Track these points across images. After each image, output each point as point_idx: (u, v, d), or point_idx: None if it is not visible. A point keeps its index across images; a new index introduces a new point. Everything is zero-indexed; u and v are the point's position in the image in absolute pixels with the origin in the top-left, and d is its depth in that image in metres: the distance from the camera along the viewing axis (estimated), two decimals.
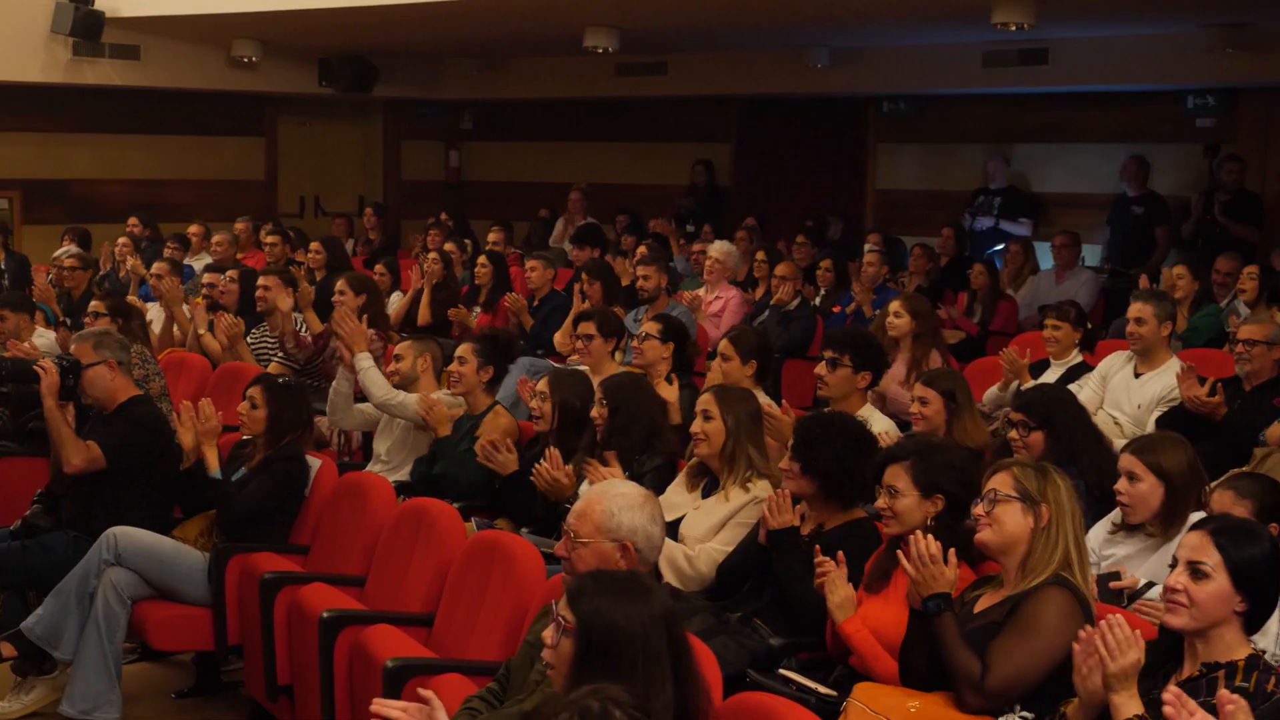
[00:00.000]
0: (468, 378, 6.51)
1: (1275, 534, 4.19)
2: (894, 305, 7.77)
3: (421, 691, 3.31)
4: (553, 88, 15.14)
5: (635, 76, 14.23)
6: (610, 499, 4.02)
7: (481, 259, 10.70)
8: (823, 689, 4.22)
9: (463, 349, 6.59)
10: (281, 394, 6.01)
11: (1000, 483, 4.05)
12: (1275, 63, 11.01)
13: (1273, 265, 9.83)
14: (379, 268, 10.89)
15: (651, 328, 7.03)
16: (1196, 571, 3.42)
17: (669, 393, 6.64)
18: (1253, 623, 3.47)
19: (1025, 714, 3.77)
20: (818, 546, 4.49)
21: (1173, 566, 3.50)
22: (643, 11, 11.24)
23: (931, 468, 4.40)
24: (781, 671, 4.39)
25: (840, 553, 4.37)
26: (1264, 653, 3.58)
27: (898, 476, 4.40)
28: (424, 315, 10.15)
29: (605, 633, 3.21)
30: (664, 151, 15.58)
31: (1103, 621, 3.35)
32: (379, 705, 3.27)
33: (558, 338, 9.05)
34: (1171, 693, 2.83)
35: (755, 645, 4.58)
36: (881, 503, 4.43)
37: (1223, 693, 2.77)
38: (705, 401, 5.33)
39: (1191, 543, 3.49)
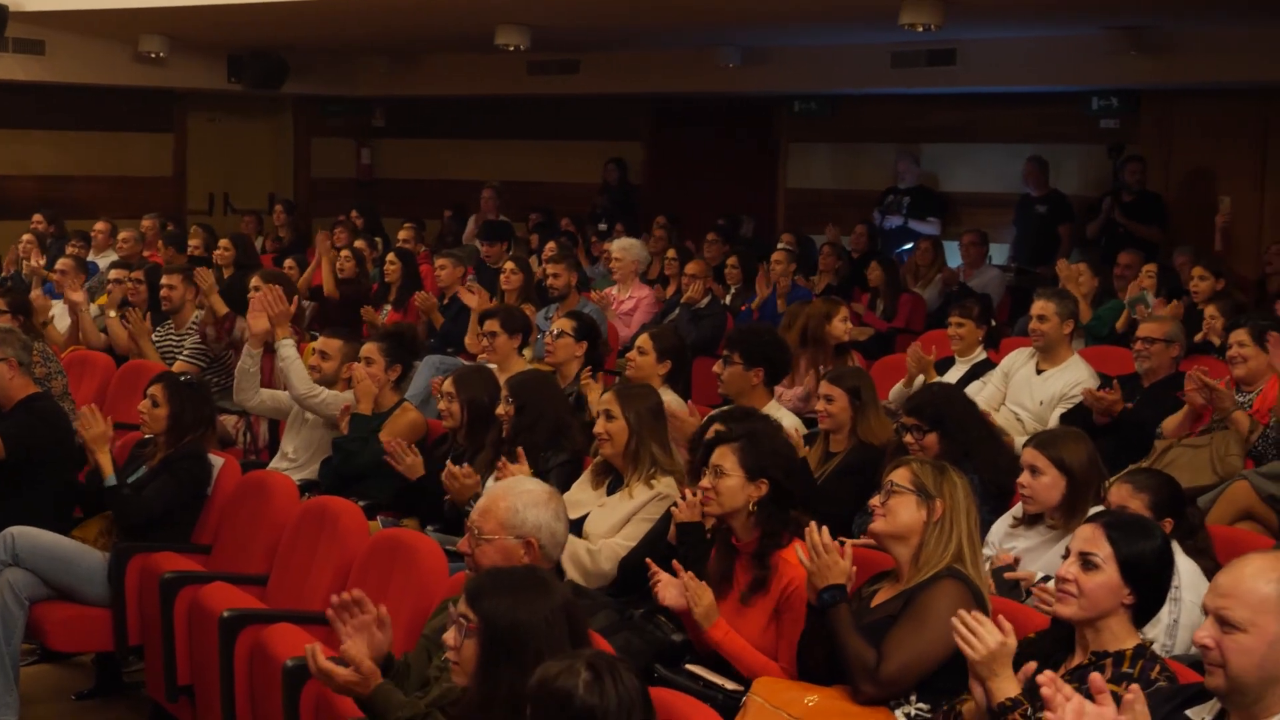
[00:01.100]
0: (375, 377, 6.49)
1: (1169, 529, 4.30)
2: (846, 311, 7.75)
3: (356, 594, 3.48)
4: (465, 85, 15.10)
5: (547, 75, 14.23)
6: (515, 495, 4.00)
7: (390, 256, 10.62)
8: (730, 684, 4.24)
9: (368, 348, 6.56)
10: (183, 392, 5.94)
11: (899, 476, 4.12)
12: (1176, 65, 11.21)
13: (1173, 264, 9.99)
14: (288, 263, 10.81)
15: (566, 325, 7.03)
16: (1087, 562, 3.48)
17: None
18: (1141, 615, 3.53)
19: (920, 705, 3.82)
20: (649, 560, 4.52)
21: (1065, 557, 3.57)
22: (554, 10, 11.24)
23: (760, 452, 4.45)
24: (688, 667, 4.41)
25: (675, 561, 4.41)
26: (1152, 643, 3.64)
27: (725, 457, 4.44)
28: (329, 286, 10.10)
29: (509, 630, 3.22)
30: (576, 150, 15.58)
31: (954, 617, 3.40)
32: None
33: (467, 339, 9.03)
34: (1046, 675, 2.89)
35: (659, 640, 4.59)
36: (706, 482, 4.45)
37: (1094, 677, 2.82)
38: (606, 401, 5.35)
39: (1084, 534, 3.55)
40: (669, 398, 6.14)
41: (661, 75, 13.83)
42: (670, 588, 4.37)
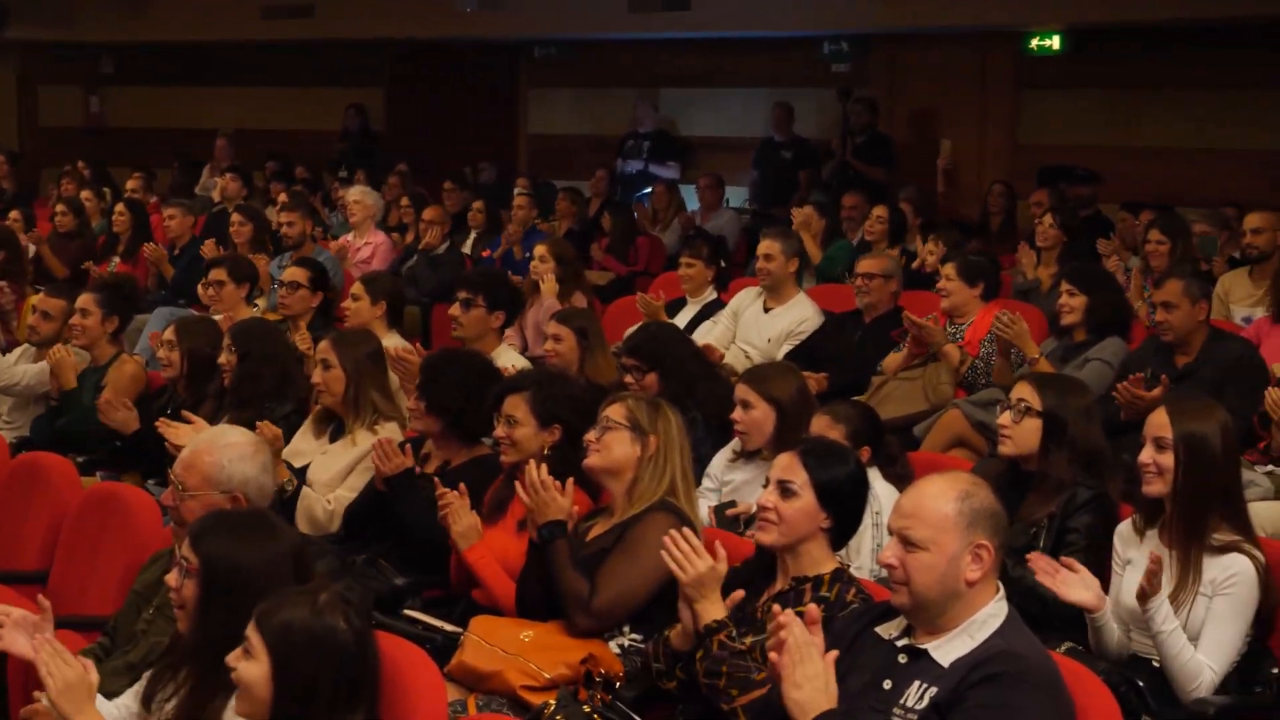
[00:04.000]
0: (91, 329, 6.30)
1: (867, 457, 4.46)
2: (539, 250, 7.87)
3: (42, 600, 3.28)
4: (197, 30, 14.64)
5: (281, 20, 13.87)
6: (219, 450, 3.84)
7: (119, 207, 10.31)
8: (449, 626, 4.25)
9: (83, 300, 6.37)
10: None
11: (614, 412, 4.19)
12: (904, 10, 11.48)
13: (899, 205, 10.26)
14: (14, 215, 10.40)
15: (300, 275, 6.91)
16: (785, 490, 3.59)
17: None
18: (838, 538, 3.66)
19: (634, 636, 3.90)
20: (437, 479, 4.53)
21: (765, 486, 3.67)
22: None
23: (550, 398, 4.51)
24: (407, 612, 4.42)
25: (461, 484, 4.41)
26: (849, 567, 3.77)
27: (517, 406, 4.48)
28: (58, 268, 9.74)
29: (228, 573, 3.19)
30: (315, 96, 15.28)
31: (667, 537, 3.50)
32: None
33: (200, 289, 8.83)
34: (785, 616, 3.01)
35: (380, 586, 4.60)
36: (500, 431, 4.50)
37: (811, 609, 2.94)
38: (323, 350, 5.29)
39: (782, 463, 3.66)
40: (394, 341, 6.12)
41: (398, 20, 13.63)
42: None
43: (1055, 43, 11.72)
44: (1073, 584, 3.85)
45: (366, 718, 3.00)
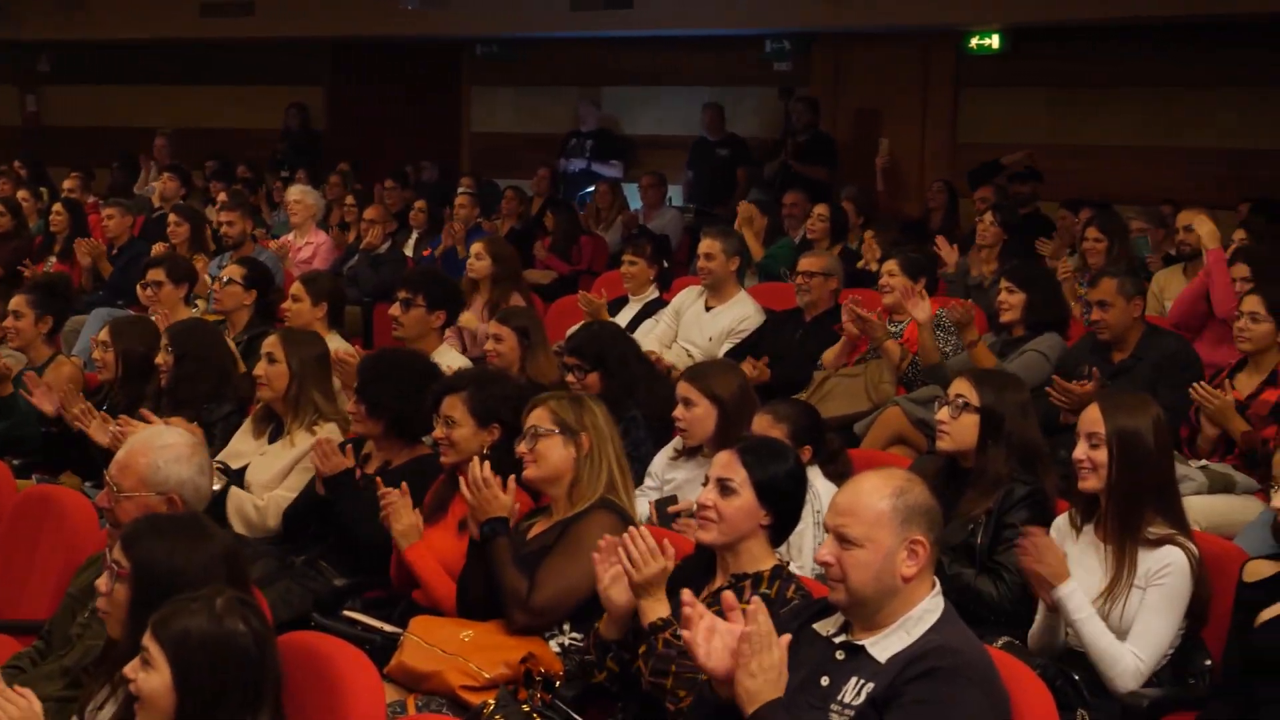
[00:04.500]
0: (25, 331, 6.25)
1: (809, 456, 4.47)
2: (475, 248, 7.86)
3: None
4: (135, 28, 14.50)
5: (221, 17, 13.78)
6: (155, 450, 3.83)
7: (57, 207, 10.21)
8: (388, 627, 4.24)
9: (16, 301, 6.33)
10: None
11: (539, 418, 4.16)
12: (845, 9, 11.51)
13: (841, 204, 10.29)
14: None
15: (235, 272, 6.89)
16: (725, 488, 3.59)
17: None
18: (778, 535, 3.66)
19: (574, 635, 3.90)
20: (379, 479, 4.52)
21: (706, 484, 3.67)
22: None
23: (488, 398, 4.50)
24: (346, 613, 4.40)
25: (404, 483, 4.40)
26: (788, 563, 3.79)
27: (455, 407, 4.47)
28: None
29: (163, 576, 3.16)
30: (255, 95, 15.17)
31: (625, 535, 3.49)
32: None
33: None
34: (687, 595, 3.01)
35: (320, 587, 4.60)
36: (439, 433, 4.49)
37: (725, 595, 2.94)
38: (270, 345, 5.26)
39: (721, 461, 3.66)
40: (336, 342, 6.10)
41: (339, 18, 13.55)
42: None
43: (995, 42, 11.80)
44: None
45: (272, 717, 2.98)
